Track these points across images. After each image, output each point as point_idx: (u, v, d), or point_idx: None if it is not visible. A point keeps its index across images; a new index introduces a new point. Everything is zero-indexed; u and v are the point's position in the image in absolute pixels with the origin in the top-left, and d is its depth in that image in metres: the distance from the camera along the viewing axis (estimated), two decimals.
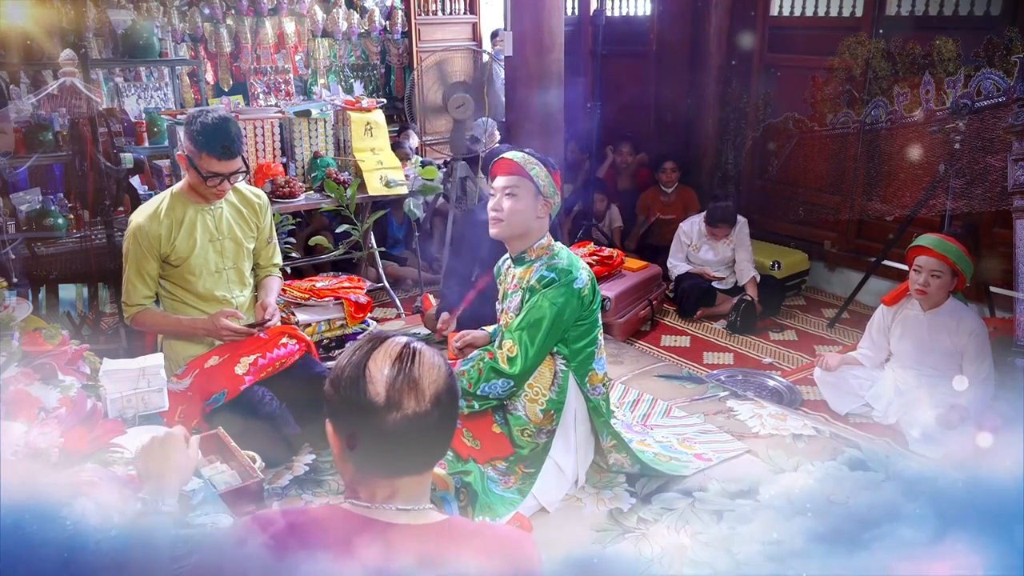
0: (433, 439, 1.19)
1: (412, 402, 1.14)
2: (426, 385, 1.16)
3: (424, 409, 1.15)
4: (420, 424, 1.15)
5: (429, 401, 1.15)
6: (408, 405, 1.14)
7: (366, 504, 1.18)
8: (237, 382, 2.71)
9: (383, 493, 1.18)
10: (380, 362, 1.17)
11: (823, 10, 4.85)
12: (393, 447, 1.16)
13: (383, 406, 1.14)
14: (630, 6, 6.17)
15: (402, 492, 1.19)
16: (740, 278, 4.57)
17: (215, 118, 2.66)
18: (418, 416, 1.14)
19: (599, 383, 2.62)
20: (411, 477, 1.19)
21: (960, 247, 3.11)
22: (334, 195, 4.11)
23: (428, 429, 1.16)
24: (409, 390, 1.15)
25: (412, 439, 1.15)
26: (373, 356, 1.17)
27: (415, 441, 1.16)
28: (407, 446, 1.16)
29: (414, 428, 1.15)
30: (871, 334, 3.40)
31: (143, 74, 5.27)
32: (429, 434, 1.17)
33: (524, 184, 2.50)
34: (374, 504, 1.18)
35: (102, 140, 3.60)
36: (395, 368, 1.16)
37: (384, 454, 1.17)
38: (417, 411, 1.14)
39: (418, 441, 1.17)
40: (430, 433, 1.17)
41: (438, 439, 1.20)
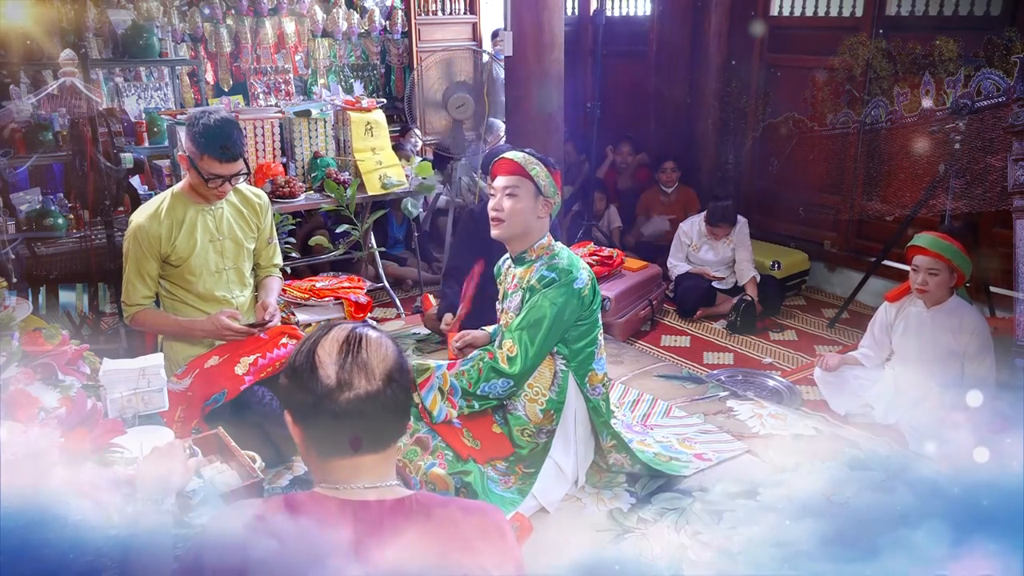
0: (389, 416, 1.23)
1: (363, 381, 1.19)
2: (375, 364, 1.20)
3: (376, 387, 1.19)
4: (374, 402, 1.19)
5: (380, 379, 1.20)
6: (360, 384, 1.19)
7: (335, 486, 1.22)
8: (237, 382, 2.70)
9: (347, 474, 1.22)
10: (328, 347, 1.22)
11: (823, 10, 4.85)
12: (350, 427, 1.20)
13: (335, 387, 1.18)
14: (630, 6, 6.17)
15: (366, 471, 1.23)
16: (740, 278, 4.57)
17: (217, 120, 2.66)
18: (371, 395, 1.19)
19: (599, 383, 2.62)
20: (373, 455, 1.23)
21: (956, 244, 3.11)
22: (334, 195, 4.11)
23: (382, 406, 1.20)
24: (359, 370, 1.19)
25: (368, 417, 1.20)
26: (321, 343, 1.23)
27: (371, 419, 1.20)
28: (364, 424, 1.20)
29: (368, 406, 1.19)
30: (873, 331, 3.40)
31: (143, 74, 5.27)
32: (384, 411, 1.21)
33: (525, 184, 2.50)
34: (342, 485, 1.22)
35: (102, 140, 3.60)
36: (343, 351, 1.21)
37: (342, 435, 1.20)
38: (369, 390, 1.19)
39: (374, 418, 1.20)
40: (385, 410, 1.21)
41: (394, 416, 1.24)
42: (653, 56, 5.84)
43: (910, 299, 3.28)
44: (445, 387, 2.48)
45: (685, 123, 5.58)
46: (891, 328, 3.34)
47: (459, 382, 2.48)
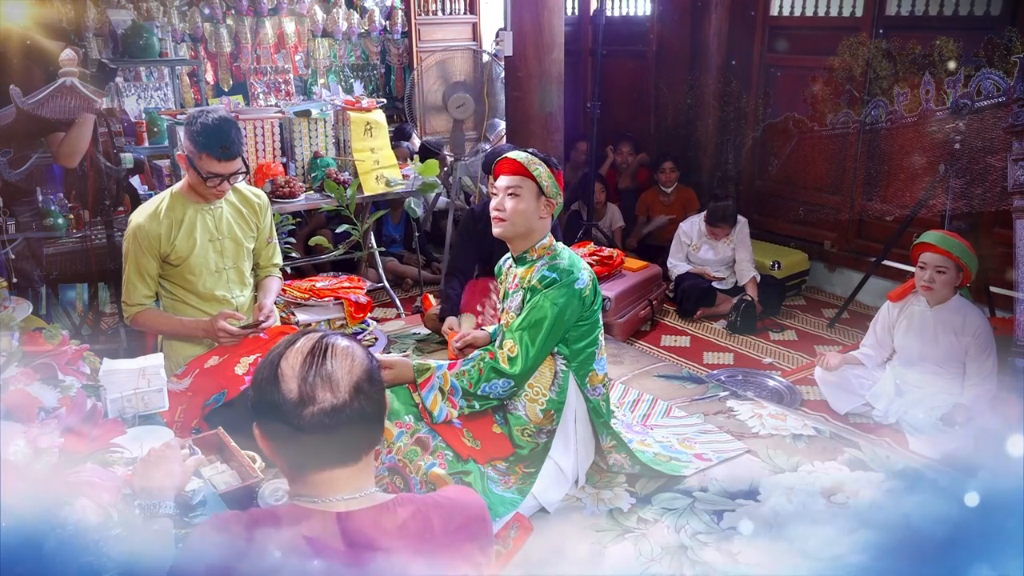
0: (357, 428, 1.18)
1: (328, 394, 1.15)
2: (341, 376, 1.16)
3: (342, 400, 1.15)
4: (339, 415, 1.15)
5: (346, 392, 1.16)
6: (323, 398, 1.14)
7: (312, 499, 1.19)
8: (237, 382, 2.70)
9: (323, 488, 1.19)
10: (292, 359, 1.18)
11: (823, 10, 4.85)
12: (316, 441, 1.16)
13: (296, 402, 1.14)
14: (630, 6, 6.17)
15: (342, 483, 1.19)
16: (740, 278, 4.57)
17: (215, 119, 2.66)
18: (336, 408, 1.15)
19: (599, 383, 2.62)
20: (344, 468, 1.19)
21: (964, 243, 3.13)
22: (334, 195, 4.11)
23: (348, 420, 1.16)
24: (323, 383, 1.15)
25: (333, 431, 1.15)
26: (285, 355, 1.19)
27: (338, 432, 1.16)
28: (330, 439, 1.16)
29: (334, 420, 1.15)
30: (875, 330, 3.40)
31: (143, 74, 5.27)
32: (352, 424, 1.17)
33: (527, 184, 2.50)
34: (319, 498, 1.19)
35: (102, 140, 3.60)
36: (306, 363, 1.16)
37: (309, 449, 1.17)
38: (335, 403, 1.15)
39: (341, 432, 1.16)
40: (353, 423, 1.17)
41: (363, 428, 1.20)
42: (653, 56, 5.84)
43: (913, 298, 3.28)
44: (446, 387, 2.48)
45: (685, 123, 5.58)
46: (893, 327, 3.34)
47: (460, 382, 2.48)
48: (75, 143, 3.24)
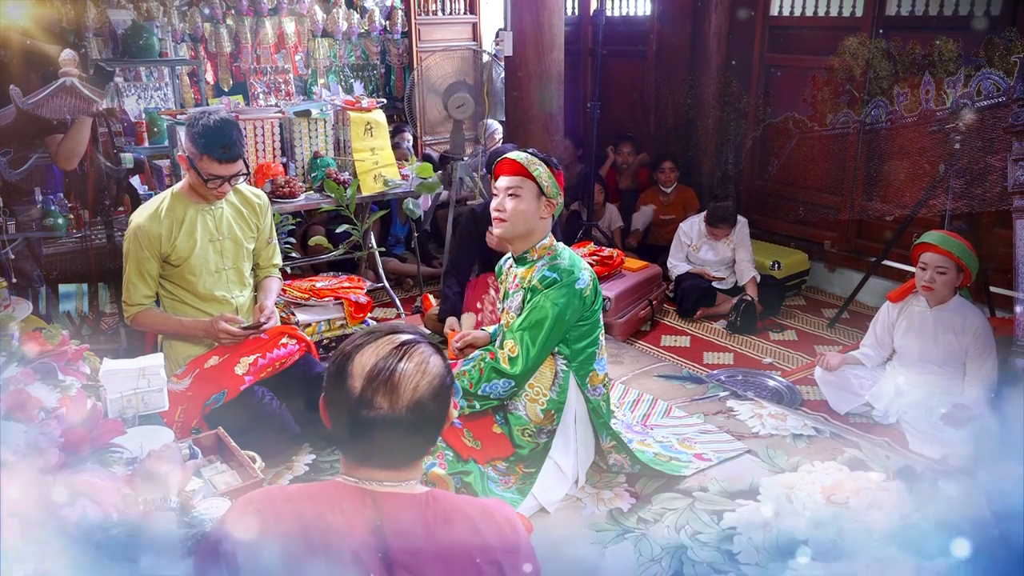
0: (407, 441, 1.18)
1: (386, 403, 1.14)
2: (405, 389, 1.15)
3: (398, 413, 1.14)
4: (391, 425, 1.15)
5: (405, 405, 1.15)
6: (381, 405, 1.14)
7: (356, 479, 1.20)
8: (237, 382, 2.71)
9: (367, 476, 1.20)
10: (366, 358, 1.17)
11: (823, 10, 4.85)
12: (366, 441, 1.17)
13: (356, 399, 1.14)
14: (630, 6, 6.17)
15: (383, 477, 1.20)
16: (740, 278, 4.57)
17: (216, 120, 2.66)
18: (389, 419, 1.14)
19: (599, 383, 2.62)
20: (390, 471, 1.20)
21: (965, 243, 3.13)
22: (334, 195, 4.11)
23: (400, 431, 1.15)
24: (385, 392, 1.14)
25: (384, 438, 1.16)
26: (363, 350, 1.18)
27: (387, 440, 1.16)
28: (380, 443, 1.16)
29: (385, 428, 1.15)
30: (875, 330, 3.40)
31: (143, 74, 5.27)
32: (401, 436, 1.16)
33: (527, 184, 2.50)
34: (362, 479, 1.19)
35: (102, 140, 3.60)
36: (377, 367, 1.16)
37: (359, 444, 1.18)
38: (391, 412, 1.14)
39: (391, 441, 1.16)
40: (402, 435, 1.16)
41: (414, 441, 1.20)
42: (653, 56, 5.84)
43: (913, 298, 3.28)
44: None
45: (685, 123, 5.58)
46: (893, 327, 3.34)
47: (460, 382, 2.48)
48: (73, 145, 3.24)
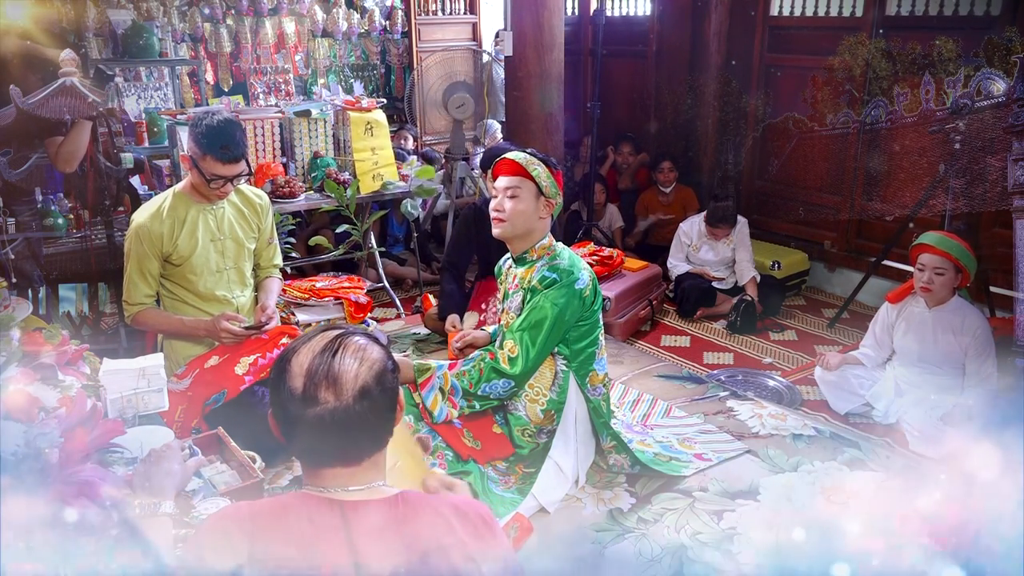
0: (359, 432, 1.18)
1: (331, 396, 1.14)
2: (347, 379, 1.15)
3: (344, 403, 1.14)
4: (340, 418, 1.14)
5: (351, 395, 1.14)
6: (326, 399, 1.14)
7: (321, 488, 1.19)
8: (237, 382, 2.70)
9: (331, 480, 1.19)
10: (303, 357, 1.17)
11: (823, 10, 4.85)
12: (318, 440, 1.16)
13: (300, 400, 1.14)
14: (630, 6, 6.17)
15: (346, 478, 1.19)
16: (740, 278, 4.57)
17: (220, 121, 2.66)
18: (336, 411, 1.14)
19: (599, 383, 2.62)
20: (347, 468, 1.19)
21: (963, 243, 3.12)
22: (334, 195, 4.11)
23: (350, 422, 1.15)
24: (328, 385, 1.14)
25: (335, 432, 1.15)
26: (299, 351, 1.19)
27: (339, 434, 1.15)
28: (332, 439, 1.16)
29: (334, 422, 1.14)
30: (874, 331, 3.40)
31: (143, 74, 5.27)
32: (352, 427, 1.16)
33: (526, 184, 2.50)
34: (329, 488, 1.19)
35: (102, 140, 3.60)
36: (315, 362, 1.16)
37: (313, 445, 1.17)
38: (337, 405, 1.14)
39: (342, 434, 1.16)
40: (353, 426, 1.16)
41: (367, 432, 1.19)
42: (653, 56, 5.84)
43: (912, 299, 3.28)
44: (446, 387, 2.48)
45: (685, 123, 5.58)
46: (892, 328, 3.34)
47: (460, 382, 2.48)
48: (73, 148, 3.24)
